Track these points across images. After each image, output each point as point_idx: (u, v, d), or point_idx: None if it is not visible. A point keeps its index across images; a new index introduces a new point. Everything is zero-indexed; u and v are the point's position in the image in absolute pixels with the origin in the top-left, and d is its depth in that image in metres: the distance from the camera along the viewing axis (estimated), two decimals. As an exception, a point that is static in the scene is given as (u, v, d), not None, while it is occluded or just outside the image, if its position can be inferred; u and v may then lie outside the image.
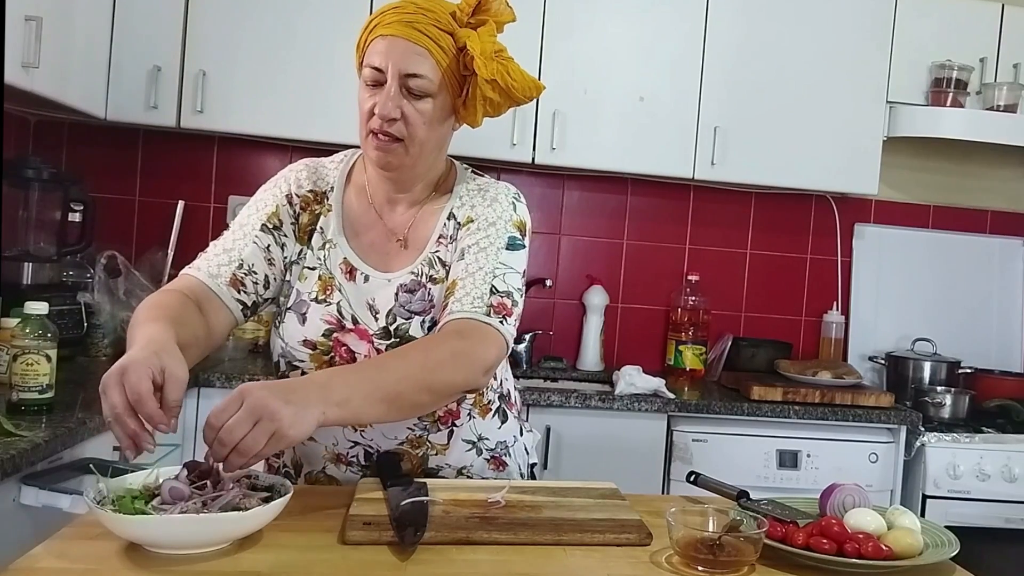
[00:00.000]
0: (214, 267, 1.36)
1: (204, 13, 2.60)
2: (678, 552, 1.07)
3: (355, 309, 1.37)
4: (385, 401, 1.19)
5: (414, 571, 1.01)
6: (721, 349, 3.07)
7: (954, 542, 1.14)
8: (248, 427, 1.03)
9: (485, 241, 1.37)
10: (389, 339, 1.36)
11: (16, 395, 1.68)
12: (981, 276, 3.27)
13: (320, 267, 1.39)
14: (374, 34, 1.32)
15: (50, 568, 0.96)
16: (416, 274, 1.38)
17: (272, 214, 1.41)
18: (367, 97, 1.32)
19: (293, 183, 1.44)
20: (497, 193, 1.43)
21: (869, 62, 2.87)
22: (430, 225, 1.41)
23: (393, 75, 1.30)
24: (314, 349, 1.36)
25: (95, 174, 2.79)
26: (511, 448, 1.51)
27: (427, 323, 1.36)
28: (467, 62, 1.32)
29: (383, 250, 1.41)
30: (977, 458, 2.60)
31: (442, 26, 1.31)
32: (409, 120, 1.31)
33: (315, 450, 1.42)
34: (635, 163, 2.83)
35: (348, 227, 1.41)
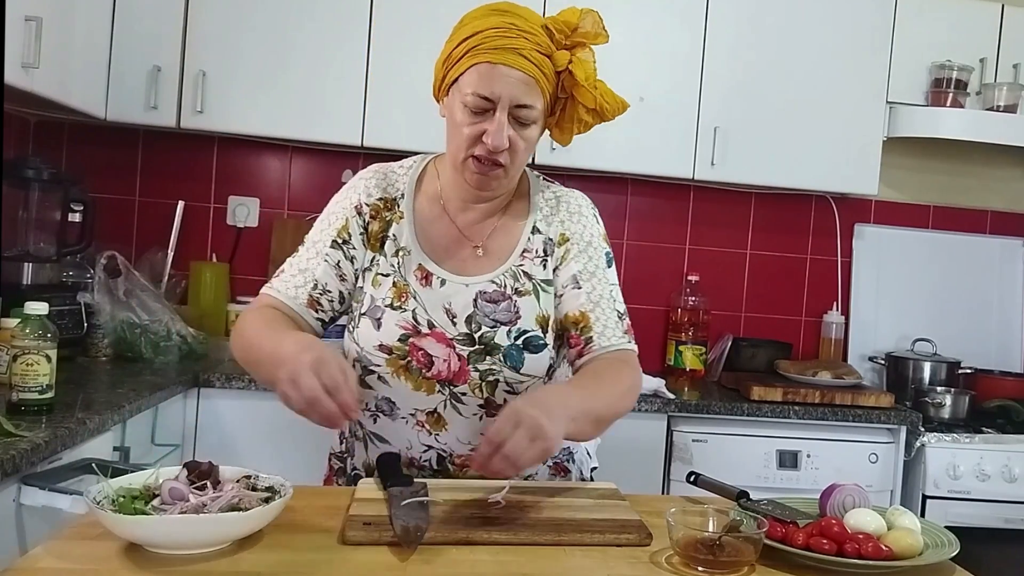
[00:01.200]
0: (292, 288, 1.40)
1: (204, 13, 2.60)
2: (678, 552, 1.07)
3: (431, 314, 1.37)
4: (595, 422, 1.28)
5: (414, 571, 1.01)
6: (721, 349, 3.07)
7: (954, 542, 1.14)
8: (527, 444, 1.11)
9: (592, 265, 1.42)
10: (473, 345, 1.36)
11: (16, 395, 1.67)
12: (981, 276, 3.27)
13: (394, 274, 1.39)
14: (477, 57, 1.30)
15: (50, 568, 0.96)
16: (498, 284, 1.39)
17: (342, 228, 1.42)
18: (468, 121, 1.31)
19: (362, 192, 1.44)
20: (579, 205, 1.46)
21: (869, 62, 2.87)
22: (513, 237, 1.42)
23: (504, 106, 1.29)
24: (390, 354, 1.36)
25: (95, 174, 2.79)
26: (574, 454, 1.52)
27: (513, 333, 1.36)
28: (566, 85, 1.33)
29: (458, 255, 1.41)
30: (977, 458, 2.60)
31: (543, 50, 1.31)
32: (516, 148, 1.33)
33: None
34: (635, 163, 2.83)
35: (421, 233, 1.42)
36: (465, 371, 1.35)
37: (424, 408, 1.38)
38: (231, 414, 2.38)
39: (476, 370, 1.35)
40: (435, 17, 2.67)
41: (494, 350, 1.35)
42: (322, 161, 3.00)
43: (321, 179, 3.02)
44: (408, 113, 2.67)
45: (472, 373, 1.35)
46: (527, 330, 1.37)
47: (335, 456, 1.55)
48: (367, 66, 2.66)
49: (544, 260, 1.42)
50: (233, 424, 2.38)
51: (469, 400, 1.37)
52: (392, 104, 2.67)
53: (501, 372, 1.35)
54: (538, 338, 1.37)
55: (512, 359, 1.35)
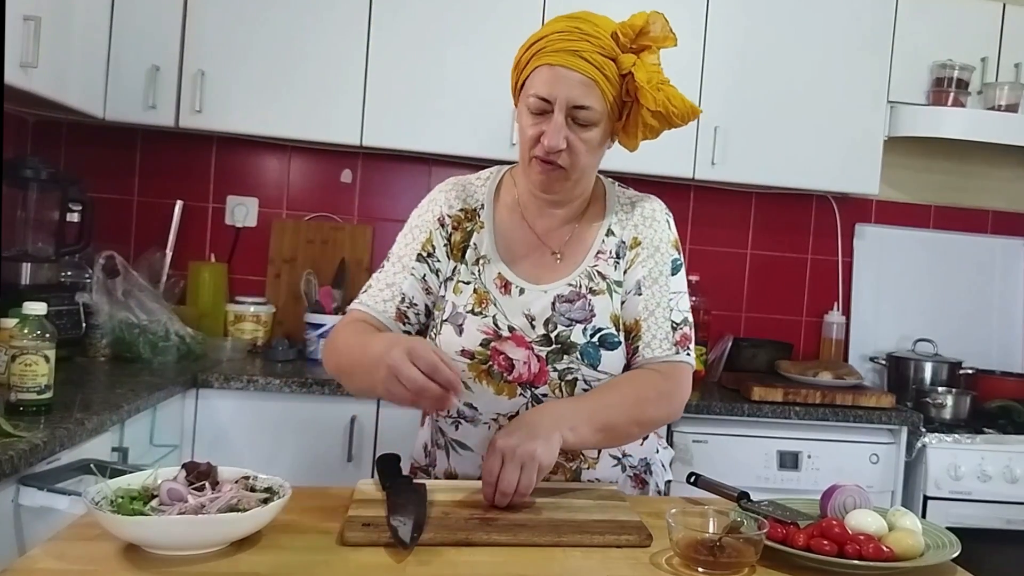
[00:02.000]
0: (379, 303, 1.43)
1: (203, 13, 2.60)
2: (678, 553, 1.07)
3: (511, 319, 1.39)
4: (603, 430, 1.32)
5: (413, 572, 1.01)
6: (721, 350, 3.07)
7: (955, 543, 1.14)
8: (517, 475, 1.19)
9: (656, 271, 1.44)
10: (551, 345, 1.38)
11: (14, 395, 1.67)
12: (982, 276, 3.27)
13: (475, 281, 1.41)
14: (539, 61, 1.32)
15: (49, 568, 0.96)
16: (574, 285, 1.41)
17: (426, 241, 1.45)
18: (530, 124, 1.34)
19: (444, 205, 1.46)
20: (653, 211, 1.48)
21: (870, 62, 2.86)
22: (588, 240, 1.45)
23: (561, 107, 1.31)
24: (472, 359, 1.38)
25: (94, 174, 2.79)
26: (652, 466, 1.53)
27: (589, 331, 1.38)
28: (630, 89, 1.33)
29: (538, 263, 1.43)
30: (978, 459, 2.60)
31: (606, 52, 1.31)
32: (575, 150, 1.34)
33: (472, 460, 1.44)
34: (635, 163, 2.81)
35: (501, 242, 1.44)
36: (545, 372, 1.37)
37: (506, 412, 1.39)
38: (230, 414, 2.38)
39: (555, 370, 1.37)
40: (435, 17, 2.68)
41: (571, 348, 1.37)
42: (321, 161, 3.00)
43: (320, 179, 3.01)
44: (408, 113, 2.67)
45: (551, 373, 1.37)
46: (602, 328, 1.39)
47: (419, 469, 1.56)
48: (366, 66, 2.65)
49: (617, 262, 1.44)
50: (232, 424, 2.37)
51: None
52: (391, 104, 2.67)
53: (579, 370, 1.37)
54: (612, 335, 1.40)
55: (589, 356, 1.38)
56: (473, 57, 2.68)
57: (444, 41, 2.68)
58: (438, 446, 1.50)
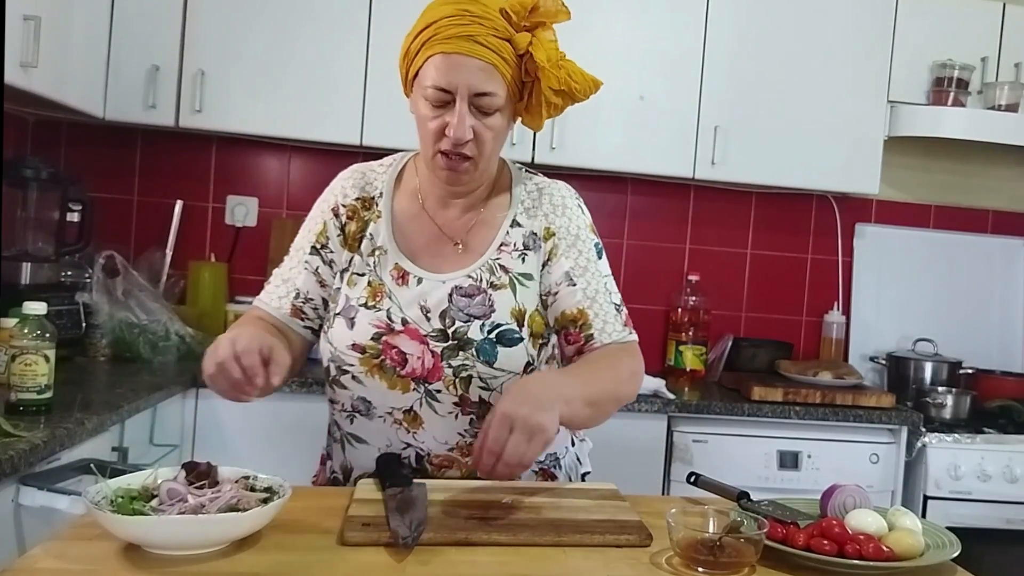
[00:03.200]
0: (275, 299, 1.42)
1: (203, 13, 2.60)
2: (678, 553, 1.07)
3: (405, 312, 1.35)
4: (590, 405, 1.28)
5: (413, 572, 1.01)
6: (721, 349, 3.07)
7: (955, 543, 1.14)
8: (527, 445, 1.14)
9: (583, 259, 1.40)
10: (447, 341, 1.34)
11: (14, 395, 1.67)
12: (982, 276, 3.27)
13: (370, 273, 1.38)
14: (432, 49, 1.27)
15: (49, 568, 0.96)
16: (474, 279, 1.37)
17: (320, 233, 1.43)
18: (431, 116, 1.30)
19: (339, 194, 1.44)
20: (562, 197, 1.43)
21: (870, 62, 2.86)
22: (491, 231, 1.40)
23: (463, 96, 1.27)
24: (363, 353, 1.35)
25: (94, 174, 2.79)
26: (562, 460, 1.50)
27: (487, 327, 1.34)
28: (530, 68, 1.30)
29: (436, 252, 1.39)
30: (978, 459, 2.60)
31: (500, 34, 1.27)
32: (481, 139, 1.30)
33: (367, 453, 1.41)
34: (635, 163, 2.83)
35: (399, 231, 1.40)
36: (439, 367, 1.33)
37: (400, 407, 1.36)
38: (229, 414, 2.38)
39: (449, 366, 1.33)
40: (435, 16, 2.68)
41: (467, 345, 1.33)
42: (321, 160, 3.00)
43: (320, 179, 2.97)
44: (407, 113, 2.65)
45: (446, 369, 1.33)
46: (501, 323, 1.35)
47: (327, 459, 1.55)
48: (366, 66, 2.65)
49: (523, 254, 1.39)
50: (232, 424, 2.37)
51: (444, 397, 1.35)
52: (391, 104, 2.63)
53: (474, 367, 1.33)
54: (512, 331, 1.35)
55: (485, 353, 1.33)
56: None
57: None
58: (334, 439, 1.47)
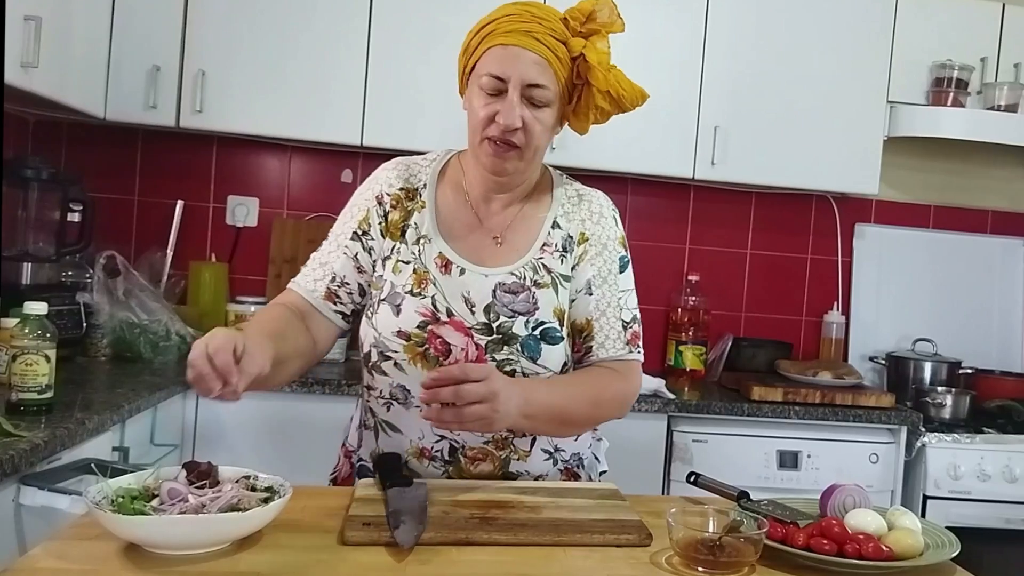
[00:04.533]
0: (310, 282, 1.44)
1: (203, 13, 2.60)
2: (678, 553, 1.07)
3: (450, 302, 1.38)
4: (557, 421, 1.34)
5: (414, 572, 1.01)
6: (721, 349, 3.07)
7: (955, 543, 1.14)
8: (478, 400, 1.17)
9: (604, 270, 1.45)
10: (492, 335, 1.37)
11: (15, 395, 1.67)
12: (982, 276, 3.27)
13: (415, 261, 1.40)
14: (491, 41, 1.34)
15: (50, 568, 0.96)
16: (518, 276, 1.40)
17: (362, 219, 1.44)
18: (483, 104, 1.34)
19: (383, 183, 1.46)
20: (600, 207, 1.49)
21: (869, 62, 2.86)
22: (532, 230, 1.44)
23: (515, 85, 1.32)
24: (408, 340, 1.36)
25: (94, 174, 2.79)
26: (584, 460, 1.52)
27: (531, 323, 1.37)
28: (581, 71, 1.35)
29: (478, 246, 1.42)
30: (978, 459, 2.60)
31: (557, 35, 1.33)
32: (529, 129, 1.34)
33: (400, 443, 1.42)
34: (635, 163, 2.83)
35: (442, 223, 1.43)
36: (482, 360, 1.36)
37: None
38: (230, 414, 2.37)
39: (493, 359, 1.36)
40: (435, 17, 2.68)
41: (512, 340, 1.36)
42: (321, 161, 3.00)
43: (320, 179, 3.02)
44: (408, 113, 2.67)
45: (489, 363, 1.36)
46: (544, 321, 1.38)
47: (352, 452, 1.55)
48: (367, 66, 2.65)
49: (563, 255, 1.43)
50: (232, 424, 2.38)
51: None
52: (392, 104, 2.67)
53: (518, 362, 1.36)
54: (555, 330, 1.39)
55: (530, 349, 1.36)
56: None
57: (444, 41, 2.67)
58: (366, 427, 1.47)
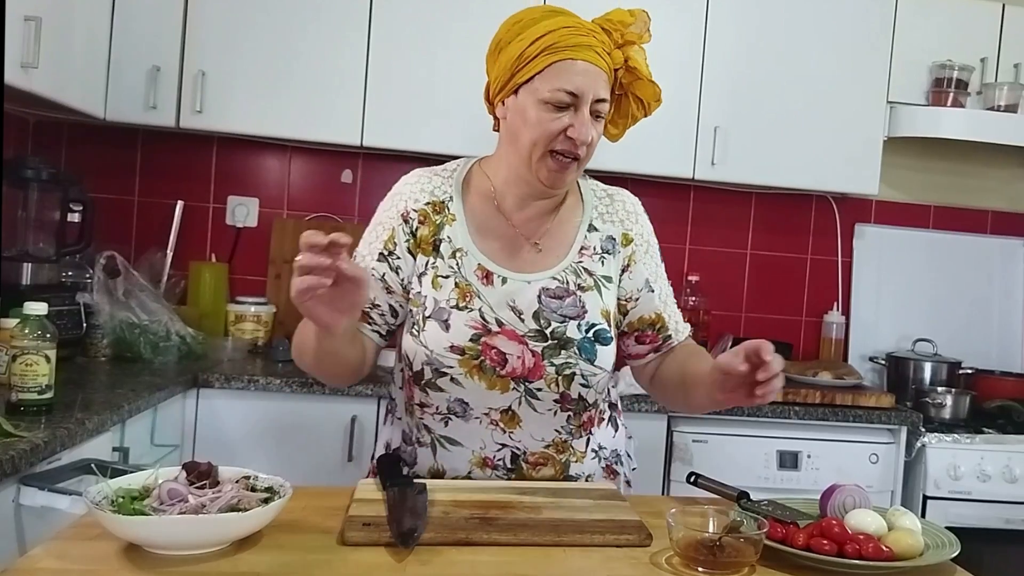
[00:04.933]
0: None
1: (203, 13, 2.60)
2: (678, 553, 1.07)
3: (497, 312, 1.38)
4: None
5: (414, 572, 1.01)
6: (721, 349, 3.06)
7: (955, 543, 1.14)
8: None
9: (653, 264, 1.50)
10: (546, 341, 1.38)
11: (15, 395, 1.67)
12: (981, 276, 3.27)
13: (455, 275, 1.40)
14: (558, 55, 1.32)
15: (50, 568, 0.96)
16: (561, 281, 1.41)
17: (388, 239, 1.43)
18: (552, 119, 1.33)
19: (409, 199, 1.44)
20: (633, 205, 1.52)
21: (869, 62, 2.86)
22: (568, 234, 1.45)
23: (587, 100, 1.33)
24: (463, 354, 1.36)
25: (94, 174, 2.79)
26: (621, 456, 1.56)
27: (583, 326, 1.39)
28: (624, 82, 1.38)
29: (515, 253, 1.43)
30: (978, 459, 2.60)
31: (607, 47, 1.36)
32: (592, 143, 1.37)
33: (461, 455, 1.43)
34: (635, 163, 2.83)
35: (476, 234, 1.43)
36: (540, 366, 1.37)
37: (498, 407, 1.39)
38: (230, 414, 2.38)
39: (552, 364, 1.37)
40: (435, 17, 2.68)
41: (568, 344, 1.37)
42: (321, 161, 3.00)
43: (320, 179, 3.02)
44: (408, 113, 2.67)
45: (548, 368, 1.37)
46: (595, 323, 1.40)
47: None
48: (367, 66, 2.65)
49: (603, 257, 1.44)
50: (232, 424, 2.38)
51: (545, 395, 1.38)
52: (392, 104, 2.67)
53: (577, 365, 1.38)
54: (606, 331, 1.41)
55: (586, 351, 1.38)
56: (473, 57, 2.66)
57: (444, 41, 2.68)
58: (420, 443, 1.46)
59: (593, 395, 1.42)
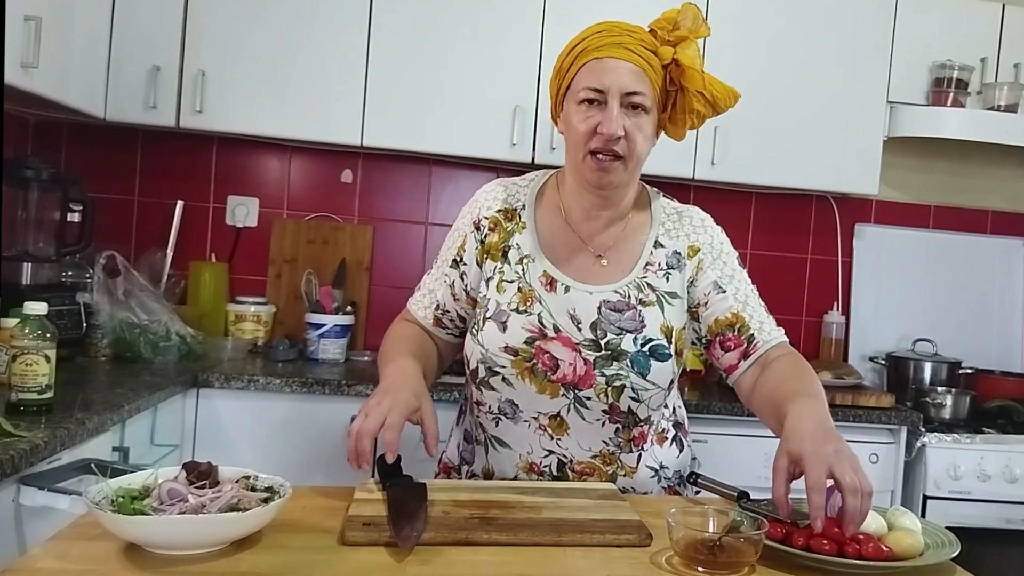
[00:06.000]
0: (421, 308, 1.53)
1: (203, 13, 2.60)
2: (678, 553, 1.07)
3: (556, 318, 1.39)
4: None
5: (414, 572, 1.01)
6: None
7: (955, 543, 1.14)
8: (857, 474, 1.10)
9: (727, 269, 1.47)
10: (600, 351, 1.38)
11: (15, 395, 1.67)
12: (981, 276, 3.27)
13: (519, 280, 1.42)
14: (585, 58, 1.35)
15: (50, 568, 0.96)
16: (622, 295, 1.41)
17: (460, 247, 1.49)
18: (583, 118, 1.35)
19: (483, 206, 1.49)
20: (702, 219, 1.51)
21: (869, 62, 2.86)
22: (635, 249, 1.45)
23: (614, 95, 1.33)
24: (516, 356, 1.38)
25: (94, 174, 2.79)
26: (685, 479, 1.53)
27: (639, 340, 1.39)
28: (675, 77, 1.37)
29: (581, 265, 1.44)
30: (978, 459, 2.60)
31: (647, 45, 1.36)
32: (631, 137, 1.35)
33: (509, 458, 1.45)
34: (635, 163, 2.82)
35: (544, 243, 1.45)
36: (591, 375, 1.38)
37: (547, 412, 1.40)
38: (230, 414, 2.38)
39: (603, 375, 1.37)
40: (435, 17, 2.68)
41: (621, 356, 1.38)
42: (321, 161, 3.00)
43: (320, 179, 3.02)
44: (408, 113, 2.67)
45: (598, 378, 1.38)
46: (652, 339, 1.39)
47: (452, 469, 1.58)
48: (367, 66, 2.65)
49: (668, 273, 1.44)
50: (232, 424, 2.38)
51: (593, 405, 1.39)
52: (392, 104, 2.67)
53: (628, 377, 1.38)
54: (663, 347, 1.40)
55: (639, 365, 1.38)
56: (473, 57, 2.68)
57: (444, 41, 2.68)
58: (477, 442, 1.51)
59: (645, 410, 1.41)
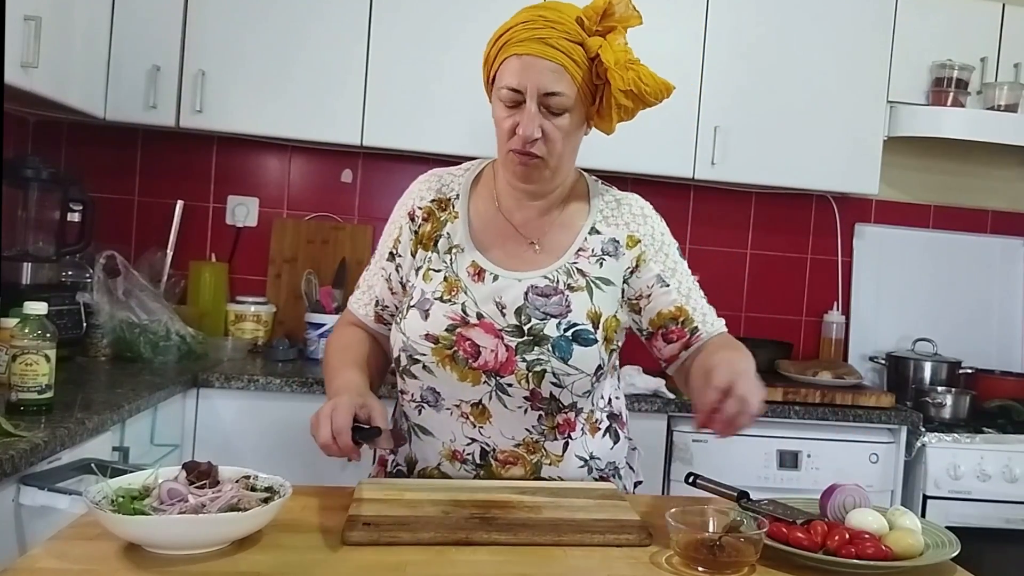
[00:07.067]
0: (361, 306, 1.53)
1: (203, 13, 2.60)
2: (678, 553, 1.07)
3: (480, 307, 1.39)
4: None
5: (414, 572, 1.01)
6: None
7: (955, 543, 1.14)
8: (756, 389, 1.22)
9: (670, 262, 1.48)
10: (522, 336, 1.37)
11: (15, 395, 1.67)
12: (981, 276, 3.27)
13: (446, 270, 1.42)
14: (507, 52, 1.33)
15: (50, 568, 0.96)
16: (551, 280, 1.40)
17: (396, 239, 1.48)
18: (504, 116, 1.35)
19: (416, 197, 1.49)
20: (642, 208, 1.51)
21: (869, 62, 2.86)
22: (569, 235, 1.45)
23: (532, 95, 1.31)
24: (436, 343, 1.38)
25: (94, 174, 2.79)
26: (620, 469, 1.53)
27: (563, 325, 1.37)
28: (600, 71, 1.33)
29: (513, 253, 1.43)
30: (978, 458, 2.60)
31: (572, 38, 1.32)
32: (550, 138, 1.34)
33: (432, 446, 1.44)
34: (635, 163, 2.83)
35: (475, 232, 1.44)
36: (512, 361, 1.36)
37: (469, 399, 1.39)
38: (230, 414, 2.38)
39: (523, 360, 1.36)
40: (435, 17, 2.68)
41: (543, 341, 1.36)
42: (321, 161, 3.00)
43: (320, 179, 3.02)
44: (408, 113, 2.67)
45: (519, 363, 1.36)
46: (577, 323, 1.38)
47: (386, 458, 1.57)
48: (367, 66, 2.65)
49: (601, 259, 1.43)
50: (232, 424, 2.38)
51: (515, 392, 1.38)
52: (392, 104, 2.67)
53: (549, 362, 1.36)
54: (588, 332, 1.39)
55: (561, 350, 1.36)
56: (473, 57, 2.64)
57: (444, 41, 2.68)
58: (401, 431, 1.49)
59: (569, 397, 1.39)
